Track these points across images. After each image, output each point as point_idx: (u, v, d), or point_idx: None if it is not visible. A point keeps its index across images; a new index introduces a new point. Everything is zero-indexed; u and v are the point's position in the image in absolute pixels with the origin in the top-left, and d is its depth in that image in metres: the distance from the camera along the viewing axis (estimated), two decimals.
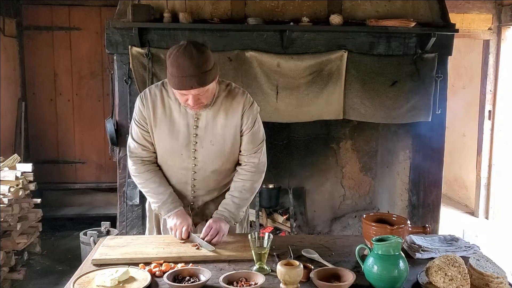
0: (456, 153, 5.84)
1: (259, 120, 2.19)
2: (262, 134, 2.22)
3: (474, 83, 5.51)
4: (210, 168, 2.16)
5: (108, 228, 4.14)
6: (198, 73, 1.91)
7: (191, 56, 1.90)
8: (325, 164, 4.53)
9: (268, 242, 1.82)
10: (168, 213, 2.15)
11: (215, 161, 2.15)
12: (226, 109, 2.11)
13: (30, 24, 5.05)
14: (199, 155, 2.13)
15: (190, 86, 1.92)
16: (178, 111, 2.11)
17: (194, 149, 2.13)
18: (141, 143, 2.16)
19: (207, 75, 1.94)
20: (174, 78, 1.93)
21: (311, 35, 3.68)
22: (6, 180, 3.70)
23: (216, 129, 2.11)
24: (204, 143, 2.12)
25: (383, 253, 1.64)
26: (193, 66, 1.90)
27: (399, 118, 3.83)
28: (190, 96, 1.97)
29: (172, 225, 2.12)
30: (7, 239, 3.64)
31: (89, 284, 1.68)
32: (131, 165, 2.20)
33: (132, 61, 3.51)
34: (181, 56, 1.91)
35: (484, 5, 4.91)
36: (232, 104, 2.12)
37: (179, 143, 2.12)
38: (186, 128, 2.11)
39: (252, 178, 2.18)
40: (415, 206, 4.07)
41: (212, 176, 2.19)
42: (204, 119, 2.11)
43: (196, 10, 3.64)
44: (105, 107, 5.21)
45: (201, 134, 2.11)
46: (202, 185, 2.20)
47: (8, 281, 3.72)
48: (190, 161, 2.14)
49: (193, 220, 2.24)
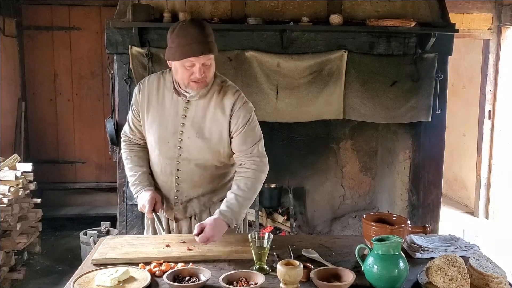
0: (456, 153, 5.84)
1: (252, 120, 2.14)
2: (258, 134, 2.17)
3: (474, 83, 5.51)
4: (195, 161, 2.15)
5: (108, 228, 4.14)
6: (207, 41, 1.98)
7: (200, 25, 2.00)
8: (325, 164, 4.53)
9: (268, 242, 1.82)
10: (135, 194, 2.20)
11: (199, 154, 2.14)
12: (216, 104, 2.11)
13: (30, 24, 5.05)
14: (184, 145, 2.13)
15: (200, 52, 1.96)
16: (170, 98, 2.13)
17: (180, 138, 2.13)
18: (131, 127, 2.27)
19: (213, 44, 2.01)
20: (182, 47, 1.96)
21: (311, 35, 3.68)
22: (6, 180, 3.70)
23: (204, 122, 2.11)
24: (190, 134, 2.12)
25: (383, 253, 1.64)
26: (202, 34, 1.97)
27: (399, 118, 3.83)
28: (196, 67, 1.99)
29: (141, 206, 2.16)
30: (7, 239, 3.64)
31: (89, 284, 1.68)
32: (122, 143, 2.34)
33: (132, 61, 3.51)
34: (189, 26, 1.98)
35: (484, 5, 4.91)
36: (223, 100, 2.11)
37: (167, 131, 2.13)
38: (175, 116, 2.12)
39: (253, 175, 2.11)
40: (415, 206, 4.07)
41: (197, 170, 2.16)
42: (193, 110, 2.11)
43: (196, 10, 3.64)
44: (105, 107, 5.21)
45: (188, 124, 2.11)
46: (186, 178, 2.18)
47: (8, 281, 3.72)
48: (176, 150, 2.14)
49: (175, 215, 2.24)
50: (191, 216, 2.26)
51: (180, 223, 2.27)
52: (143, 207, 2.14)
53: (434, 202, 4.06)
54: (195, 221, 2.25)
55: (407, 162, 4.11)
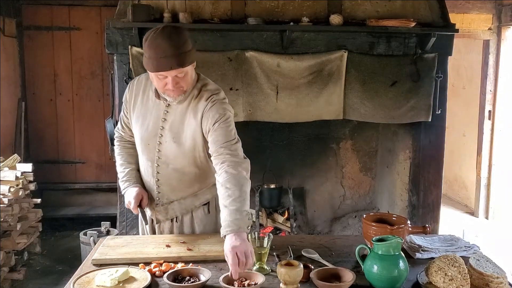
0: (456, 153, 5.84)
1: (225, 120, 2.00)
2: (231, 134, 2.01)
3: (474, 83, 5.51)
4: (172, 165, 2.13)
5: (108, 228, 4.14)
6: (177, 54, 1.88)
7: (169, 36, 1.88)
8: (325, 164, 4.53)
9: (268, 242, 1.82)
10: (123, 190, 2.21)
11: (176, 159, 2.12)
12: (191, 109, 2.06)
13: (30, 24, 5.05)
14: (162, 148, 2.12)
15: (169, 66, 1.89)
16: (153, 100, 2.11)
17: (159, 141, 2.11)
18: (122, 124, 2.28)
19: (186, 56, 1.91)
20: (152, 61, 1.91)
21: (311, 35, 3.68)
22: (6, 180, 3.70)
23: (181, 127, 2.08)
24: (167, 138, 2.10)
25: (383, 253, 1.64)
26: (171, 47, 1.87)
27: (399, 118, 3.83)
28: (169, 79, 1.94)
29: (127, 202, 2.16)
30: (7, 239, 3.64)
31: (89, 284, 1.68)
32: (115, 139, 2.35)
33: (132, 61, 3.51)
34: (159, 37, 1.89)
35: (484, 5, 4.91)
36: (198, 104, 2.06)
37: (148, 133, 2.13)
38: (156, 119, 2.11)
39: (232, 170, 1.90)
40: (415, 206, 4.07)
41: (174, 174, 2.15)
42: (172, 115, 2.09)
43: (196, 10, 3.64)
44: (105, 107, 5.21)
45: (167, 128, 2.10)
46: (165, 181, 2.17)
47: (8, 281, 3.72)
48: (155, 152, 2.13)
49: (157, 216, 2.24)
50: (173, 218, 2.24)
51: (162, 224, 2.26)
52: (129, 203, 2.15)
53: (434, 202, 4.06)
54: (176, 223, 2.23)
55: (407, 162, 4.11)
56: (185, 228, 2.23)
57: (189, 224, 2.23)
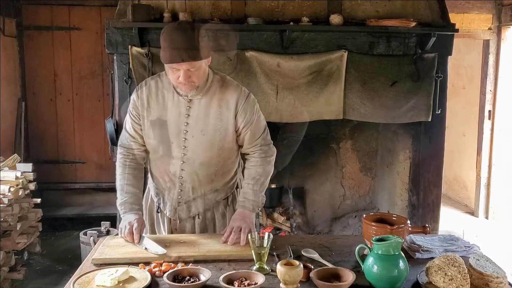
0: (456, 153, 5.84)
1: (257, 110, 2.19)
2: (263, 125, 2.22)
3: (474, 83, 5.52)
4: (199, 160, 2.15)
5: (108, 228, 4.13)
6: (190, 47, 1.93)
7: (185, 29, 1.96)
8: (325, 164, 4.53)
9: (268, 242, 1.82)
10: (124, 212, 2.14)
11: (204, 152, 2.14)
12: (219, 100, 2.12)
13: (30, 24, 5.05)
14: (189, 144, 2.13)
15: (181, 58, 1.93)
16: (171, 99, 2.13)
17: (184, 138, 2.12)
18: (131, 134, 2.21)
19: (199, 50, 1.96)
20: (166, 52, 1.96)
21: (311, 35, 3.69)
22: (6, 180, 3.70)
23: (208, 119, 2.11)
24: (195, 133, 2.12)
25: (383, 253, 1.64)
26: (185, 39, 1.93)
27: (399, 118, 3.83)
28: (181, 71, 1.97)
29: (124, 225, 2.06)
30: (7, 239, 3.63)
31: (89, 284, 1.68)
32: (118, 155, 2.25)
33: (132, 61, 3.51)
34: (175, 30, 1.96)
35: (484, 5, 4.92)
36: (226, 95, 2.12)
37: (170, 132, 2.13)
38: (178, 116, 2.12)
39: (262, 163, 2.20)
40: (415, 206, 4.07)
41: (201, 168, 2.17)
42: (196, 108, 2.11)
43: (196, 10, 3.64)
44: (105, 107, 5.21)
45: (192, 123, 2.11)
46: (189, 177, 2.18)
47: (8, 281, 3.72)
48: (180, 150, 2.14)
49: (179, 215, 2.24)
50: (195, 215, 2.26)
51: (183, 222, 2.27)
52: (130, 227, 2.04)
53: (434, 202, 4.06)
54: (198, 220, 2.26)
55: (407, 162, 4.11)
56: (208, 223, 2.27)
57: (210, 220, 2.27)
